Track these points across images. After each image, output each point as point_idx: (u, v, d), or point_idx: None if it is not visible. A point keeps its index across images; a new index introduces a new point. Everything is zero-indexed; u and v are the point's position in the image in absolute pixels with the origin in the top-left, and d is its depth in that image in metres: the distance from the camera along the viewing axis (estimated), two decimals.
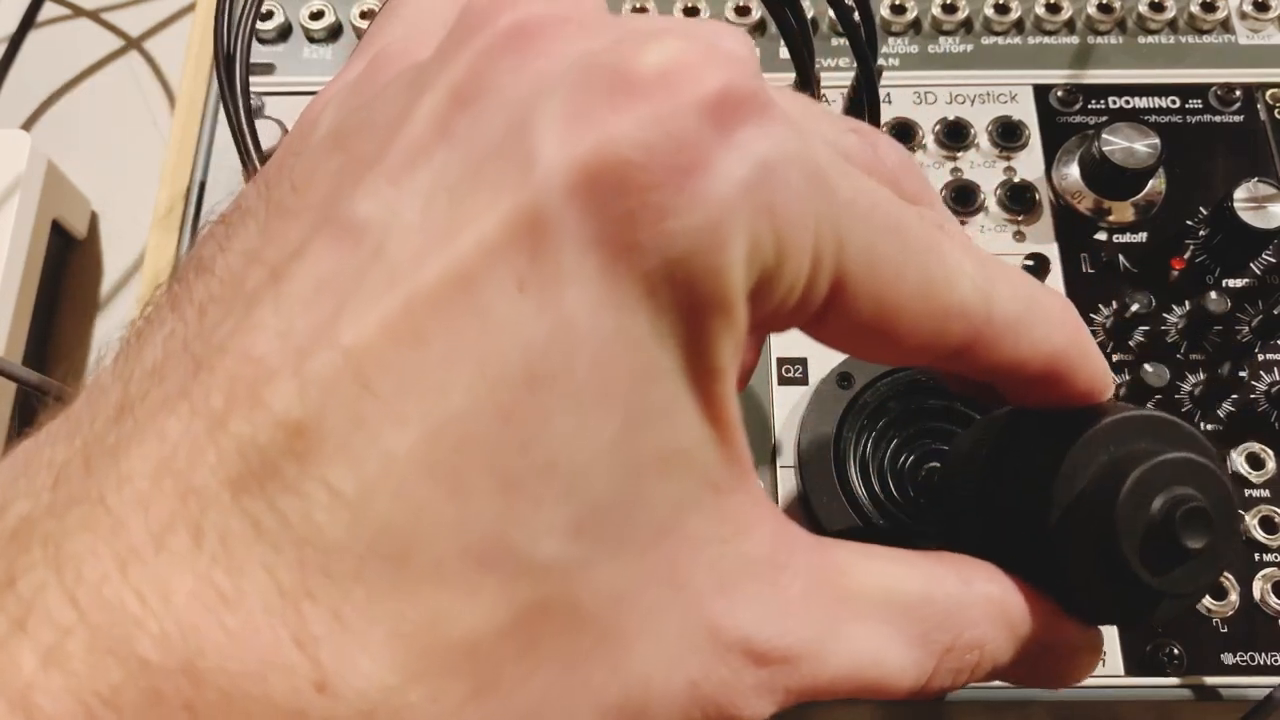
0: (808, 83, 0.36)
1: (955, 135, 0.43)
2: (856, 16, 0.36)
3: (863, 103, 0.37)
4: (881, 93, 0.43)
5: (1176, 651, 0.34)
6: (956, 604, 0.21)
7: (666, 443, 0.17)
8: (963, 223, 0.41)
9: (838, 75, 0.43)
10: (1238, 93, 0.43)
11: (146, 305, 0.18)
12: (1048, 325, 0.21)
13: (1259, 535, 0.35)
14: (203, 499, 0.14)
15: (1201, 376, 0.38)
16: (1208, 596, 0.35)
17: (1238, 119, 0.43)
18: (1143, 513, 0.22)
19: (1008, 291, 0.20)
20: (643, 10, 0.45)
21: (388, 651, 0.15)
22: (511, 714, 0.16)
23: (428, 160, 0.16)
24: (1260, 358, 0.38)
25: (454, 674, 0.15)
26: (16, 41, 0.54)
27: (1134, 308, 0.37)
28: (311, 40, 0.46)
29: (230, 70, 0.35)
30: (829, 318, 0.18)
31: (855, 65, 0.37)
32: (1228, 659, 0.34)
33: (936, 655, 0.21)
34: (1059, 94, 0.44)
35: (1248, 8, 0.45)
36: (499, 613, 0.15)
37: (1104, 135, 0.39)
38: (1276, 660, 0.34)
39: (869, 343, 0.19)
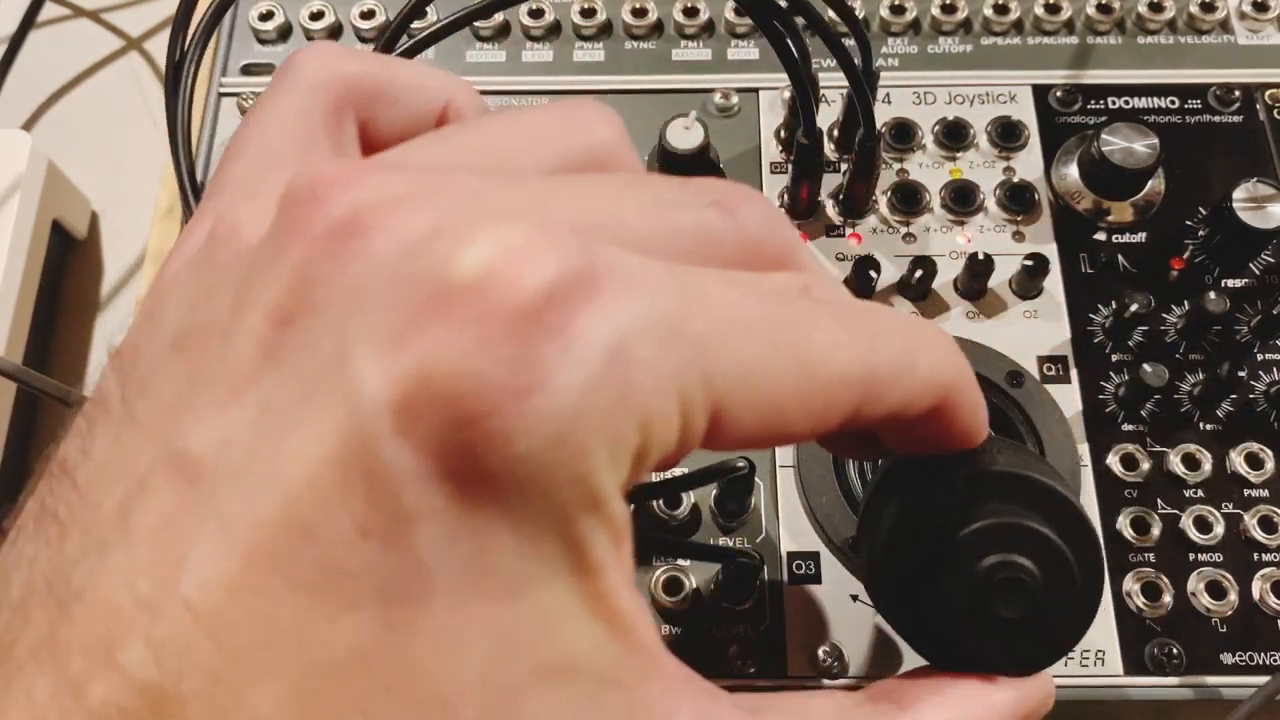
0: (803, 90, 0.36)
1: (955, 135, 0.43)
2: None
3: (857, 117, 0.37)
4: (881, 92, 0.43)
5: (1176, 651, 0.34)
6: None
7: (550, 655, 0.16)
8: (962, 223, 0.41)
9: (838, 75, 0.43)
10: (1237, 93, 0.43)
11: (20, 508, 0.18)
12: (932, 358, 0.21)
13: (1258, 535, 0.35)
14: None
15: (1201, 376, 0.38)
16: (1207, 596, 0.35)
17: (1237, 119, 0.43)
18: (968, 576, 0.22)
19: (887, 341, 0.19)
20: (642, 12, 0.45)
21: None
22: None
23: (255, 387, 0.15)
24: (1259, 358, 0.38)
25: None
26: (17, 41, 0.54)
27: (1133, 308, 0.37)
28: (311, 40, 0.46)
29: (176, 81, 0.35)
30: (717, 439, 0.17)
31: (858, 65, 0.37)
32: (1227, 659, 0.34)
33: None
34: (1058, 94, 0.44)
35: (1247, 8, 0.46)
36: None
37: (1103, 135, 0.39)
38: (1276, 660, 0.34)
39: (763, 441, 0.18)
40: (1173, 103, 0.44)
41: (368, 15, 0.45)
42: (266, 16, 0.46)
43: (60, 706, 0.14)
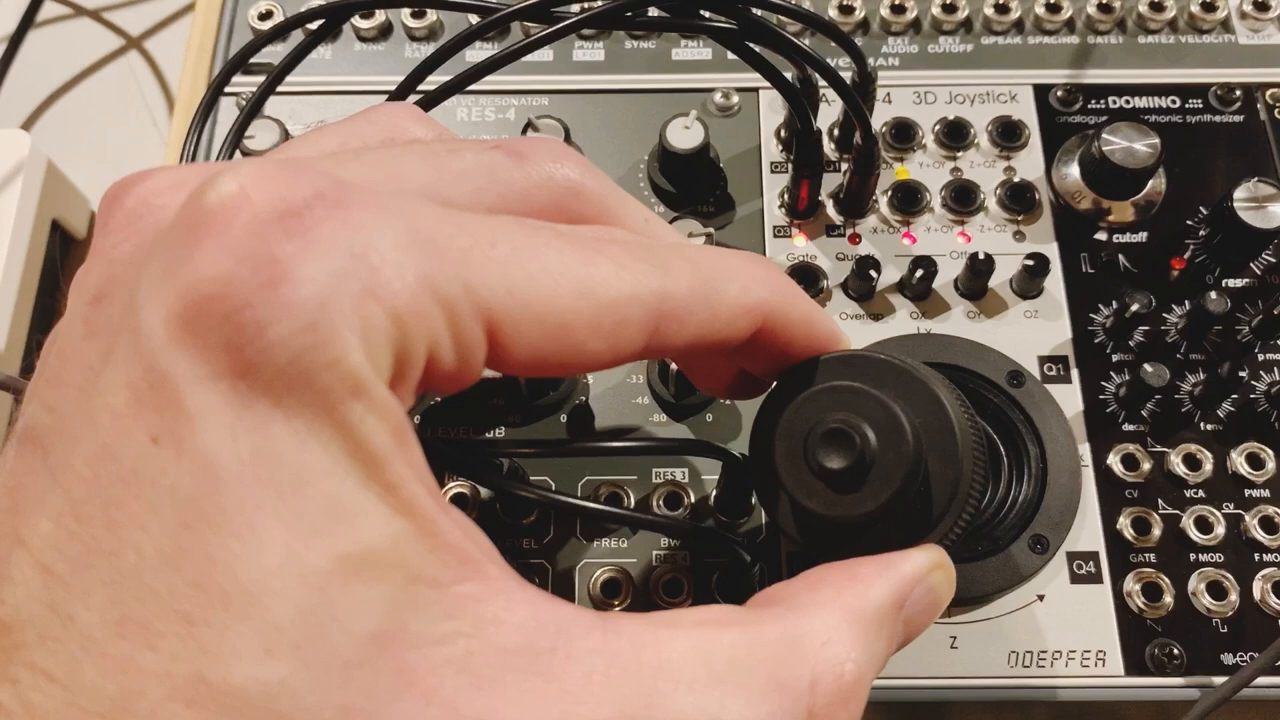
0: (797, 104, 0.36)
1: (955, 135, 0.43)
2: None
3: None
4: (881, 92, 0.43)
5: (1177, 652, 0.34)
6: (792, 638, 0.21)
7: (349, 545, 0.17)
8: (962, 222, 0.41)
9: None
10: (1238, 92, 0.43)
11: None
12: (744, 282, 0.23)
13: (1259, 535, 0.35)
14: None
15: (1201, 376, 0.38)
16: (1208, 596, 0.35)
17: (1238, 119, 0.43)
18: (797, 436, 0.24)
19: (685, 269, 0.21)
20: None
21: None
22: None
23: (77, 357, 0.18)
24: (1260, 357, 0.38)
25: None
26: (16, 40, 0.53)
27: (1134, 307, 0.37)
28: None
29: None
30: (507, 353, 0.19)
31: (852, 66, 0.37)
32: (1227, 659, 0.34)
33: (797, 695, 0.20)
34: (1059, 94, 0.44)
35: (1248, 7, 0.45)
36: None
37: (1104, 135, 0.39)
38: (1276, 660, 0.34)
39: (560, 357, 0.20)
40: (1173, 102, 0.44)
41: (366, 15, 0.45)
42: (266, 16, 0.46)
43: None
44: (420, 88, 0.33)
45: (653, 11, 0.33)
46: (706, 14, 0.33)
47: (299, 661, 0.16)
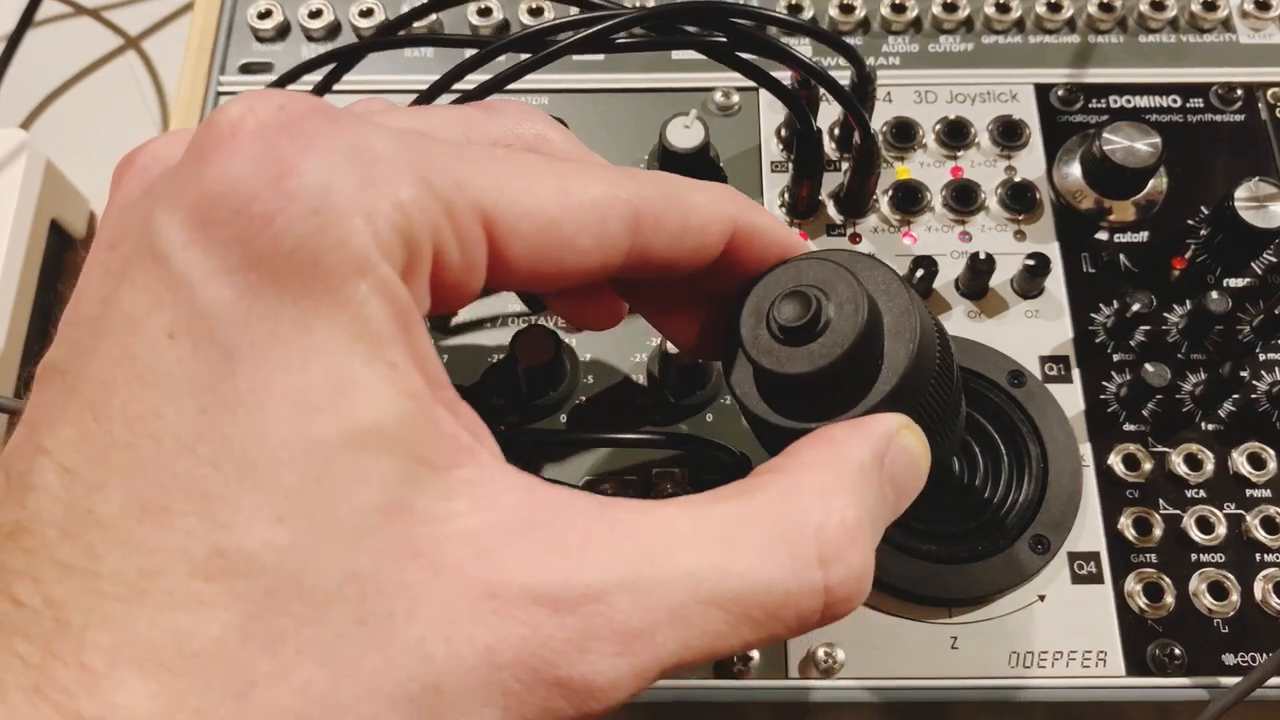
0: (797, 107, 0.36)
1: (956, 134, 0.43)
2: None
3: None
4: (882, 91, 0.43)
5: (1178, 652, 0.34)
6: (788, 495, 0.21)
7: (353, 421, 0.18)
8: (962, 222, 0.41)
9: (839, 74, 0.43)
10: (1239, 92, 0.43)
11: None
12: (707, 195, 0.24)
13: (1260, 535, 0.35)
14: None
15: (1202, 376, 0.37)
16: (1209, 597, 0.35)
17: (1239, 118, 0.43)
18: (762, 304, 0.25)
19: (650, 180, 0.23)
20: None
21: (139, 681, 0.16)
22: (284, 714, 0.16)
23: (93, 294, 0.19)
24: (1261, 357, 0.38)
25: (209, 685, 0.16)
26: (15, 39, 0.53)
27: (1135, 307, 0.37)
28: (310, 39, 0.46)
29: None
30: (506, 251, 0.21)
31: (851, 70, 0.37)
32: (1229, 659, 0.34)
33: (803, 543, 0.20)
34: (1060, 93, 0.44)
35: (1249, 7, 0.45)
36: (230, 614, 0.16)
37: (1105, 134, 0.39)
38: None
39: (556, 256, 0.22)
40: (1174, 102, 0.44)
41: (366, 14, 0.45)
42: (265, 15, 0.45)
43: None
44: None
45: (638, 31, 0.32)
46: (693, 29, 0.33)
47: (308, 528, 0.17)
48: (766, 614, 0.20)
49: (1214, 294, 0.37)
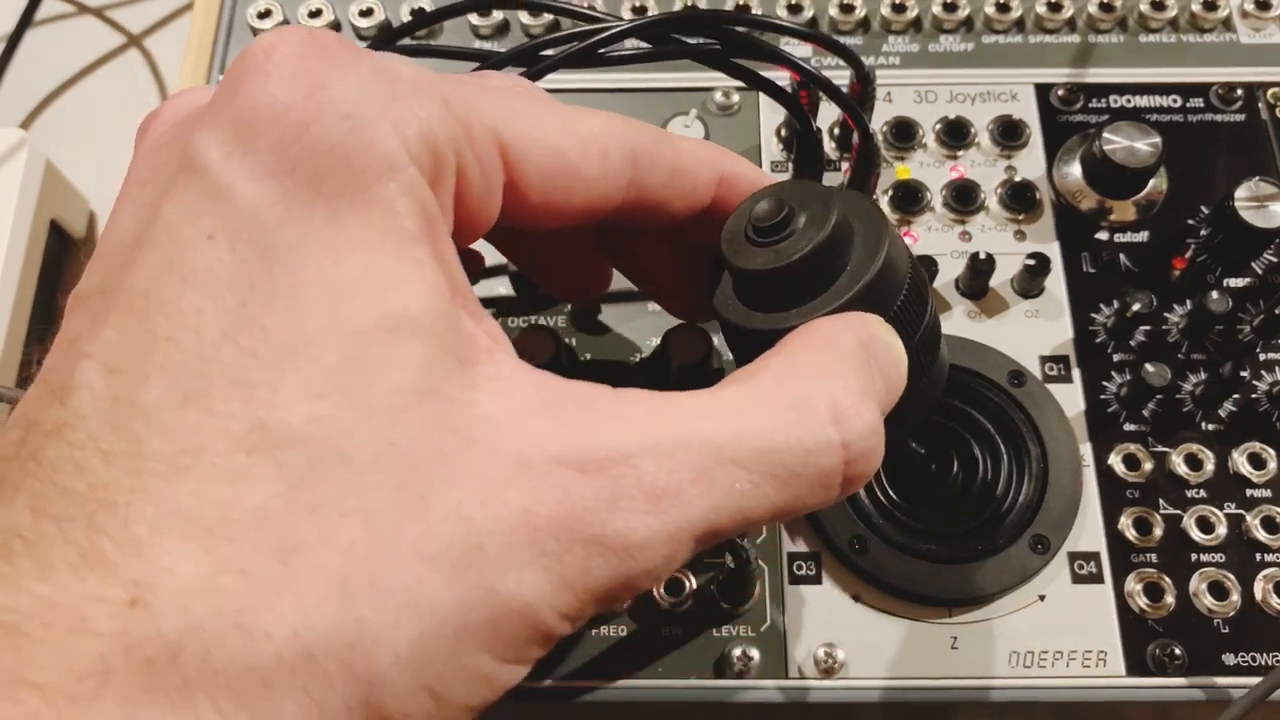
0: (798, 111, 0.36)
1: (956, 134, 0.43)
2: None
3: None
4: (882, 91, 0.43)
5: (1178, 652, 0.34)
6: (788, 371, 0.22)
7: (384, 308, 0.19)
8: (962, 221, 0.41)
9: (839, 73, 0.43)
10: (1239, 92, 0.43)
11: None
12: (690, 144, 0.26)
13: (1260, 535, 0.35)
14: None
15: (1203, 376, 0.37)
16: (1209, 597, 0.35)
17: (1239, 118, 0.43)
18: (743, 217, 0.26)
19: (640, 123, 0.25)
20: (642, 10, 0.45)
21: (185, 547, 0.17)
22: (329, 575, 0.17)
23: (126, 230, 0.20)
24: (1261, 357, 0.38)
25: (254, 548, 0.17)
26: (15, 38, 0.53)
27: (1135, 307, 0.37)
28: None
29: None
30: (520, 178, 0.22)
31: (851, 70, 0.37)
32: (1229, 659, 0.34)
33: (815, 416, 0.21)
34: (1060, 93, 0.44)
35: (1249, 6, 0.45)
36: (273, 482, 0.17)
37: (1105, 134, 0.39)
38: (1278, 660, 0.34)
39: (565, 184, 0.23)
40: (1175, 101, 0.43)
41: (366, 13, 0.45)
42: (265, 15, 0.45)
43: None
44: None
45: (630, 44, 0.32)
46: (688, 38, 0.33)
47: (347, 404, 0.18)
48: (788, 472, 0.21)
49: (1214, 294, 0.37)
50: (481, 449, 0.19)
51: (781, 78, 0.37)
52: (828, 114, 0.43)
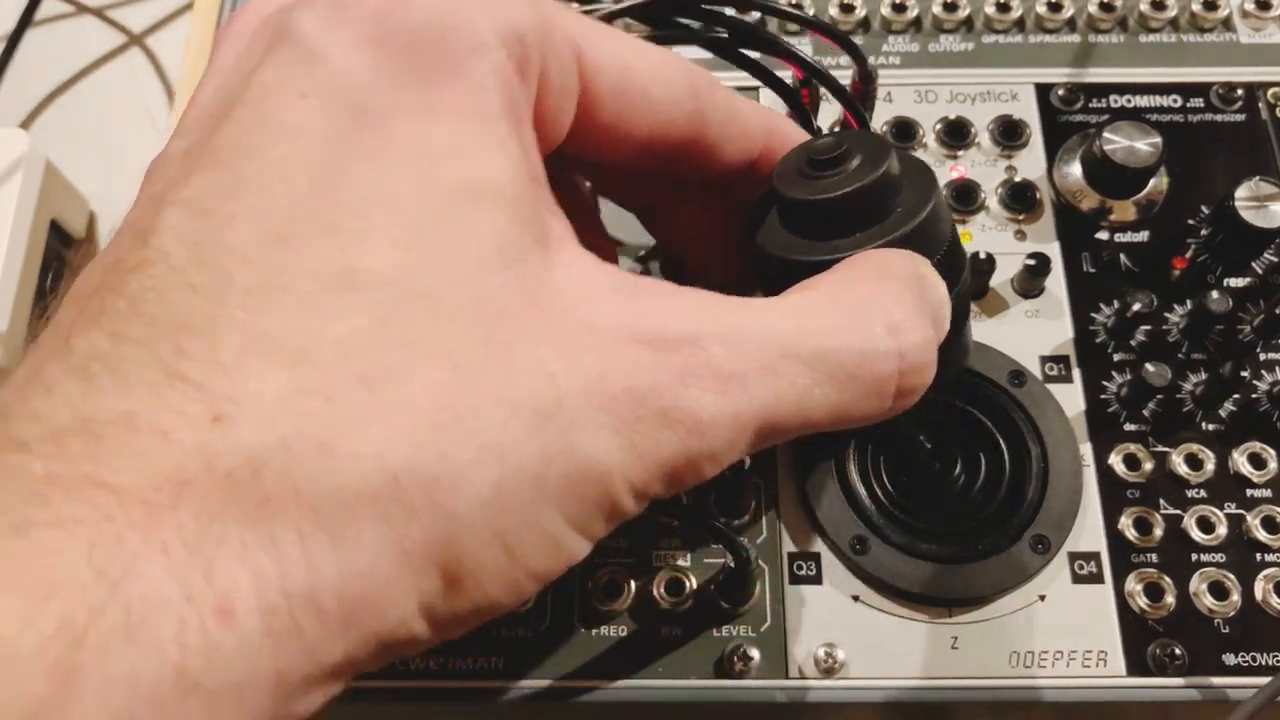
0: (798, 106, 0.36)
1: (956, 134, 0.43)
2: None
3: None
4: (882, 91, 0.43)
5: (1178, 652, 0.34)
6: (846, 285, 0.23)
7: (470, 174, 0.19)
8: (963, 221, 0.41)
9: (839, 74, 0.43)
10: (1239, 91, 0.43)
11: None
12: (747, 104, 0.27)
13: (1261, 535, 0.35)
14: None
15: (1203, 376, 0.37)
16: (1210, 597, 0.35)
17: (1239, 118, 0.43)
18: (799, 156, 0.27)
19: (696, 65, 0.25)
20: None
21: (270, 371, 0.17)
22: (416, 407, 0.17)
23: (207, 97, 0.21)
24: (1262, 357, 0.38)
25: (341, 376, 0.17)
26: (15, 38, 0.53)
27: (1135, 307, 0.37)
28: None
29: None
30: (595, 90, 0.23)
31: (852, 67, 0.37)
32: (1229, 659, 0.34)
33: (872, 325, 0.22)
34: (1060, 93, 0.44)
35: (1249, 6, 0.45)
36: (360, 317, 0.18)
37: (1105, 134, 0.39)
38: (1278, 660, 0.34)
39: (633, 101, 0.23)
40: (1175, 101, 0.43)
41: None
42: None
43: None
44: None
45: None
46: (695, 24, 0.33)
47: (434, 256, 0.18)
48: (846, 374, 0.21)
49: (1214, 294, 0.37)
50: (561, 315, 0.19)
51: (783, 76, 0.37)
52: (828, 114, 0.43)
